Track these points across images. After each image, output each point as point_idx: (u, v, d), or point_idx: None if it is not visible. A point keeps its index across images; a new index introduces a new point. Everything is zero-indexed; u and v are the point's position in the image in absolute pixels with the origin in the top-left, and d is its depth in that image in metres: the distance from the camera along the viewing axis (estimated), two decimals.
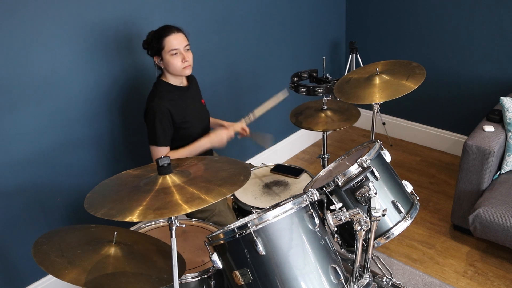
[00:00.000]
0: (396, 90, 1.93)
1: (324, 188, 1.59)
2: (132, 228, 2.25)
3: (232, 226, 1.43)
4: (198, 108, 2.23)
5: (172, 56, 2.00)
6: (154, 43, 2.00)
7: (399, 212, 1.62)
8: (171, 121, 2.05)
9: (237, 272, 1.40)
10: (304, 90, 2.38)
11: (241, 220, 1.58)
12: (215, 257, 1.44)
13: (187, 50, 2.05)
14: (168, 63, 2.02)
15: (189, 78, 2.23)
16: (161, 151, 2.06)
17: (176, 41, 1.99)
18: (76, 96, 2.23)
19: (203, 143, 2.14)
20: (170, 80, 2.10)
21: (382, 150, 1.73)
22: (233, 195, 2.11)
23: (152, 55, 2.05)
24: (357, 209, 1.48)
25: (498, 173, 2.53)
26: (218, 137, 2.15)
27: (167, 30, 2.00)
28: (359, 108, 2.44)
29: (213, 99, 2.80)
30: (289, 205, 1.42)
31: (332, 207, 1.54)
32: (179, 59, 2.01)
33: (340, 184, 1.55)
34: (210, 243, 1.46)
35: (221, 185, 1.34)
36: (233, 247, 1.41)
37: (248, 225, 1.36)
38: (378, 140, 1.76)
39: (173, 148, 2.12)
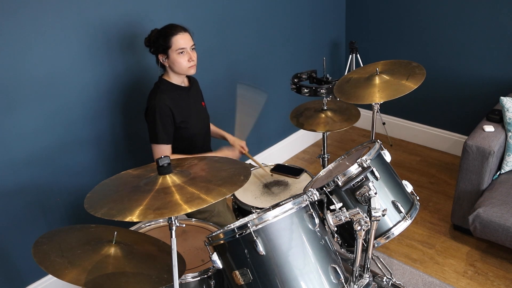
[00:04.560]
0: (396, 90, 1.93)
1: (324, 188, 1.59)
2: (132, 228, 2.25)
3: (232, 226, 1.43)
4: (198, 109, 2.23)
5: (179, 55, 2.01)
6: (161, 40, 2.00)
7: (399, 212, 1.62)
8: (172, 119, 2.05)
9: (237, 272, 1.40)
10: (307, 91, 2.37)
11: (241, 220, 1.58)
12: (215, 257, 1.44)
13: (193, 49, 2.06)
14: (175, 61, 2.02)
15: (190, 79, 2.24)
16: (162, 149, 2.06)
17: (183, 41, 2.00)
18: (76, 96, 2.23)
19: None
20: (172, 79, 2.11)
21: (382, 150, 1.73)
22: (233, 195, 2.11)
23: (157, 53, 2.05)
24: (357, 209, 1.48)
25: (498, 173, 2.53)
26: (227, 155, 2.21)
27: (174, 28, 2.01)
28: (359, 108, 2.44)
29: (213, 99, 2.79)
30: (289, 205, 1.42)
31: (332, 207, 1.54)
32: (186, 58, 2.02)
33: (340, 184, 1.55)
34: (210, 243, 1.46)
35: (221, 185, 1.34)
36: (233, 247, 1.41)
37: (248, 225, 1.36)
38: (378, 140, 1.76)
39: (172, 148, 2.12)
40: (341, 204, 1.55)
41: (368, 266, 1.62)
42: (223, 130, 2.41)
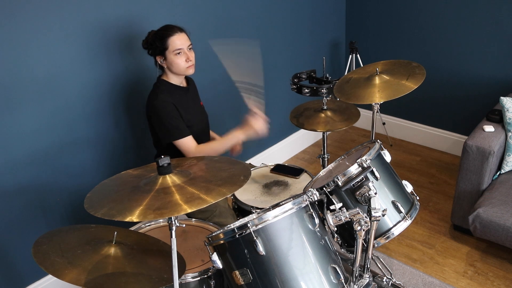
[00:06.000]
0: (396, 90, 1.93)
1: (324, 188, 1.59)
2: (132, 228, 2.25)
3: (232, 226, 1.43)
4: (197, 109, 2.23)
5: (176, 55, 2.01)
6: (158, 43, 2.00)
7: (399, 212, 1.62)
8: (179, 114, 2.05)
9: (237, 272, 1.40)
10: (308, 91, 2.37)
11: (241, 220, 1.58)
12: (215, 257, 1.44)
13: (190, 49, 2.06)
14: (172, 62, 2.02)
15: (188, 79, 2.24)
16: (188, 141, 2.03)
17: (179, 41, 2.00)
18: (76, 96, 2.23)
19: (237, 135, 2.04)
20: (171, 79, 2.11)
21: (382, 150, 1.73)
22: (233, 195, 2.11)
23: (154, 54, 2.05)
24: (357, 209, 1.48)
25: (498, 173, 2.53)
26: (253, 127, 2.02)
27: (170, 30, 2.01)
28: (359, 108, 2.44)
29: (212, 99, 2.79)
30: (289, 205, 1.42)
31: (332, 207, 1.54)
32: (183, 58, 2.02)
33: (340, 184, 1.55)
34: (210, 243, 1.46)
35: (221, 185, 1.34)
36: (233, 247, 1.41)
37: (248, 225, 1.36)
38: (378, 140, 1.76)
39: (173, 151, 2.11)
40: (341, 204, 1.55)
41: (368, 266, 1.62)
42: (217, 133, 2.41)
